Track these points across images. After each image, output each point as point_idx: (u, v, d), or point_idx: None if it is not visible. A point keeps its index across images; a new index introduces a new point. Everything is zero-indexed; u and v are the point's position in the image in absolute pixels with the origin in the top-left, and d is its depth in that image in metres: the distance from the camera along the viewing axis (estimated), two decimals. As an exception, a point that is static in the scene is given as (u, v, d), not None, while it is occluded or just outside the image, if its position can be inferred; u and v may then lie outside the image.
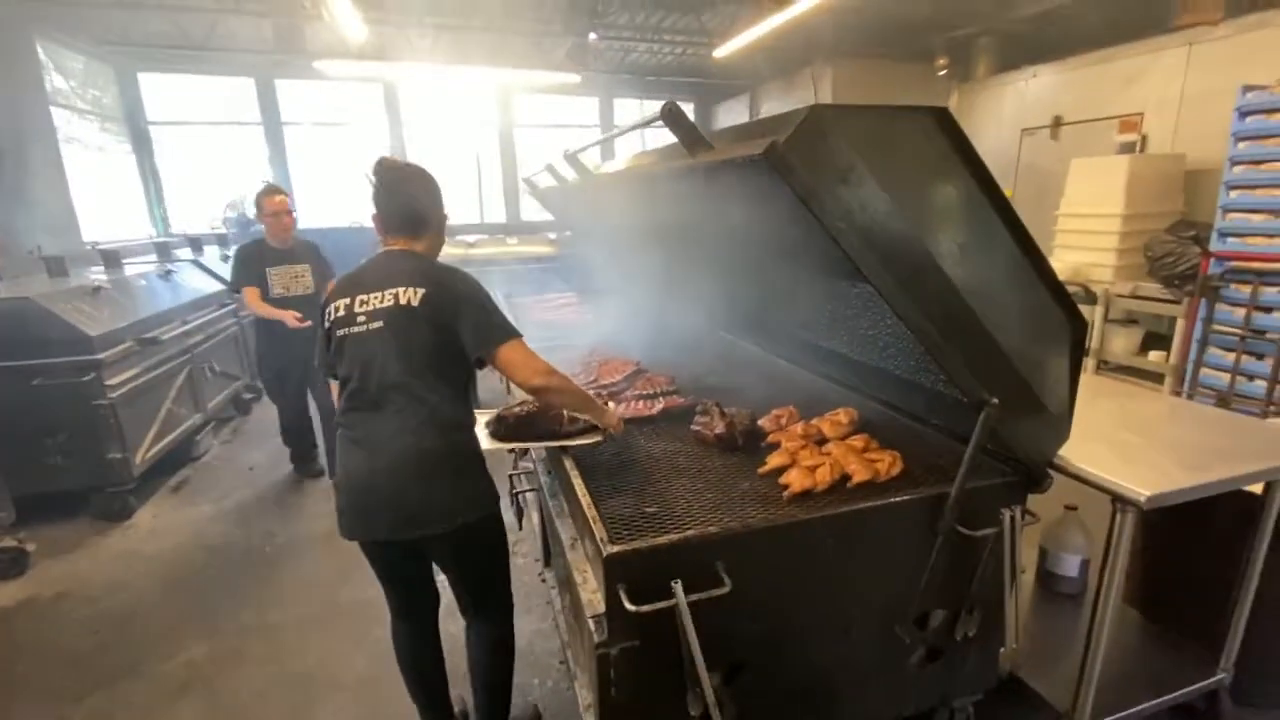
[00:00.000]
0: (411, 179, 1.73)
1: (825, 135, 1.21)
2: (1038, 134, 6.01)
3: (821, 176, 1.22)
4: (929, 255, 1.36)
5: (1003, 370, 1.49)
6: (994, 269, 1.46)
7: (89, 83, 6.77)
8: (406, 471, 1.58)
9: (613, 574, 1.33)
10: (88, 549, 3.24)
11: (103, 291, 3.62)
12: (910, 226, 1.33)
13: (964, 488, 1.49)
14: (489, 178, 9.16)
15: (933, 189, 1.39)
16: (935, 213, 1.39)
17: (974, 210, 1.42)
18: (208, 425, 4.47)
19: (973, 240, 1.42)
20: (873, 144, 1.27)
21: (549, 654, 2.41)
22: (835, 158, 1.23)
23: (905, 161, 1.34)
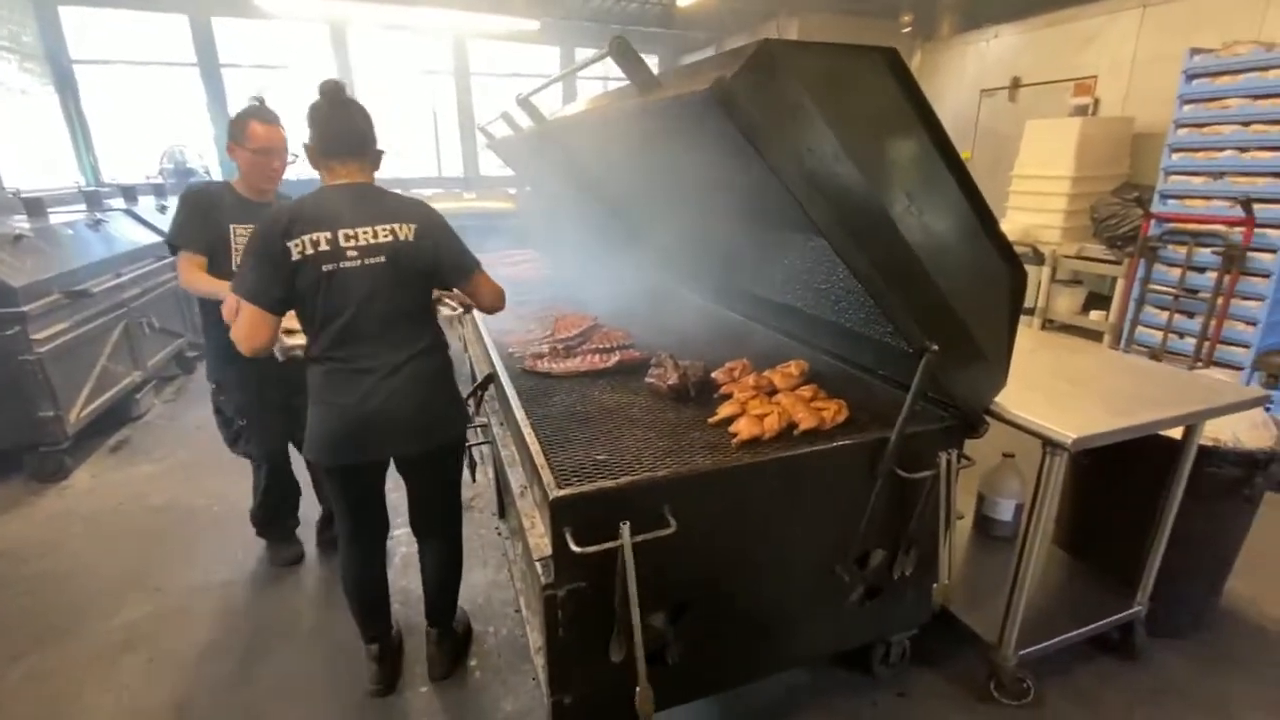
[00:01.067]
0: (354, 101, 1.75)
1: (774, 71, 1.18)
2: (997, 95, 6.06)
3: (769, 114, 1.19)
4: (876, 201, 1.36)
5: (944, 318, 1.52)
6: (939, 218, 1.47)
7: (5, 18, 6.21)
8: (422, 390, 1.76)
9: (559, 517, 1.33)
10: (21, 510, 3.11)
11: (25, 240, 3.39)
12: (858, 171, 1.32)
13: (904, 433, 1.54)
14: (446, 129, 8.83)
15: (881, 134, 1.38)
16: (883, 158, 1.39)
17: (921, 157, 1.42)
18: (149, 384, 4.29)
19: (919, 188, 1.42)
20: (822, 83, 1.24)
21: (504, 604, 2.43)
22: (784, 95, 1.20)
23: (855, 103, 1.32)
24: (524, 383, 2.05)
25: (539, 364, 2.19)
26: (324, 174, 1.71)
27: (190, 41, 7.30)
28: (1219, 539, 2.12)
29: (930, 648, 2.11)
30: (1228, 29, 4.05)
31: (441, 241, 1.72)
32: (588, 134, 2.23)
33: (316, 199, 1.67)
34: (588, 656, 1.46)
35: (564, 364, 2.18)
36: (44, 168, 6.50)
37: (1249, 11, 4.20)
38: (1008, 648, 1.89)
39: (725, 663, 1.70)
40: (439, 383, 1.82)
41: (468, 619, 2.32)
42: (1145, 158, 4.65)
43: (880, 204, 1.37)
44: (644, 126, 1.67)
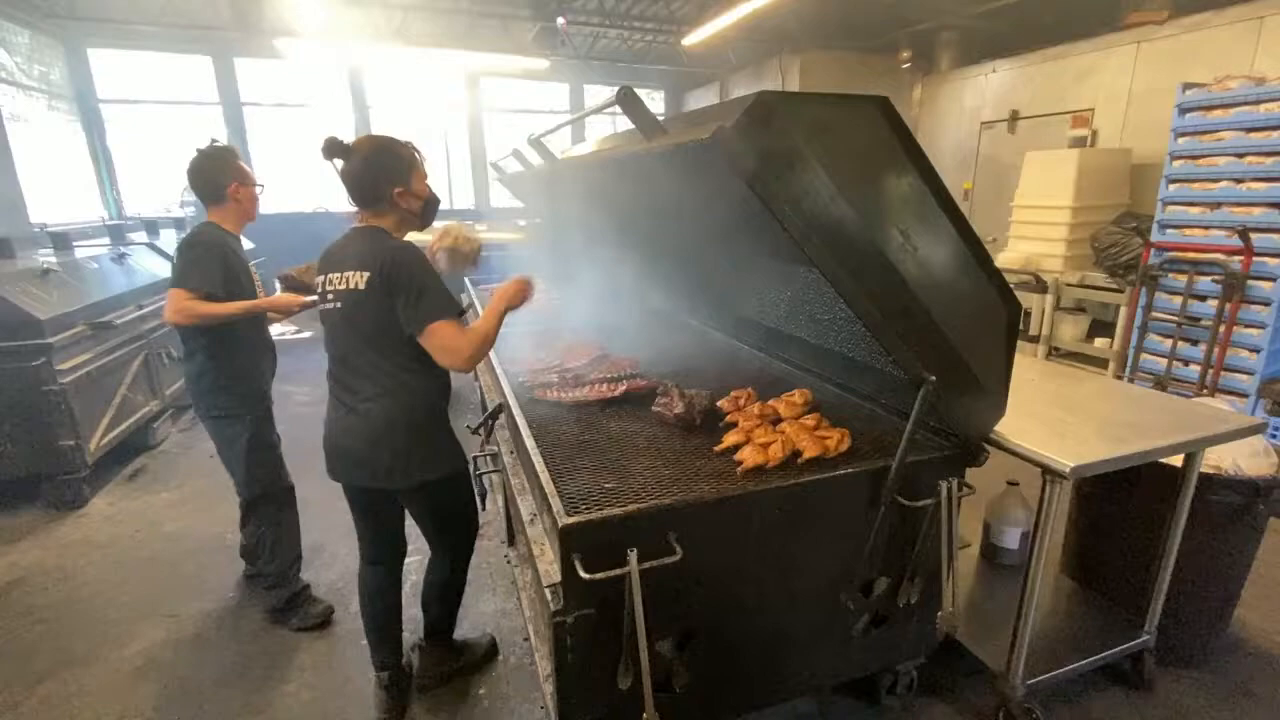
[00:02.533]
0: (368, 150, 1.76)
1: (771, 121, 1.25)
2: (996, 127, 6.18)
3: (767, 162, 1.26)
4: (872, 240, 1.42)
5: (942, 350, 1.56)
6: (934, 254, 1.52)
7: (35, 58, 6.49)
8: (372, 434, 1.78)
9: (568, 544, 1.37)
10: (39, 537, 3.17)
11: (52, 274, 3.52)
12: (854, 212, 1.39)
13: (904, 461, 1.57)
14: (458, 163, 9.05)
15: (876, 176, 1.44)
16: (878, 199, 1.45)
17: (915, 197, 1.48)
18: (165, 413, 4.37)
19: (914, 226, 1.48)
20: (818, 131, 1.32)
21: (512, 631, 2.45)
22: (781, 143, 1.28)
23: (849, 148, 1.39)
24: (533, 411, 2.11)
25: (548, 393, 2.25)
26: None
27: (213, 81, 7.58)
28: (1224, 567, 2.12)
29: (938, 678, 2.11)
30: (1220, 63, 4.15)
31: (397, 290, 1.66)
32: (596, 173, 2.32)
33: (334, 241, 1.82)
34: (596, 683, 1.48)
35: (572, 393, 2.24)
36: (69, 202, 6.70)
37: (1241, 46, 4.31)
38: (1015, 677, 1.89)
39: (732, 690, 1.72)
40: (388, 430, 1.77)
41: (491, 641, 2.35)
42: (1144, 188, 4.72)
43: (875, 242, 1.43)
44: (649, 168, 1.75)
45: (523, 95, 9.12)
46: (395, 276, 1.66)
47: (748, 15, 5.33)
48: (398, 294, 1.66)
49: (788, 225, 1.32)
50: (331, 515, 2.93)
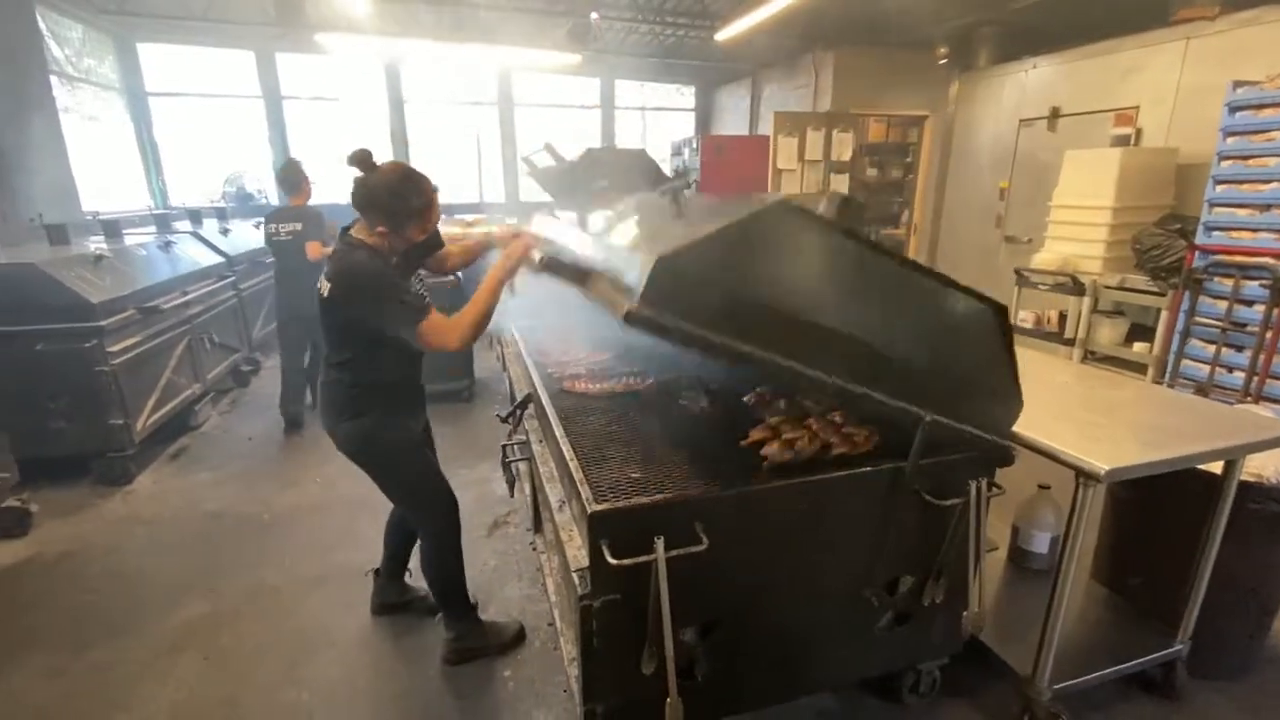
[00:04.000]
0: (385, 181, 1.86)
1: (679, 279, 1.24)
2: (1035, 125, 6.04)
3: (691, 313, 1.27)
4: (826, 325, 1.40)
5: (937, 382, 1.55)
6: (898, 300, 1.49)
7: (87, 52, 6.73)
8: (325, 409, 2.11)
9: (596, 530, 1.40)
10: (89, 512, 3.31)
11: (104, 260, 3.66)
12: (799, 305, 1.37)
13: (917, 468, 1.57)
14: (489, 156, 9.15)
15: (809, 263, 1.39)
16: (822, 284, 1.41)
17: (860, 264, 1.44)
18: (206, 396, 4.53)
19: (867, 288, 1.46)
20: (732, 260, 1.30)
21: (538, 616, 2.50)
22: (698, 294, 1.27)
23: (775, 252, 1.34)
24: (562, 402, 2.14)
25: (576, 385, 2.28)
26: None
27: (255, 75, 7.77)
28: (1264, 578, 2.07)
29: (962, 679, 2.09)
30: (1273, 61, 4.00)
31: (368, 304, 1.87)
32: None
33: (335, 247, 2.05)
34: (620, 668, 1.51)
35: (600, 385, 2.27)
36: (118, 191, 6.95)
37: (1297, 43, 4.15)
38: (1042, 681, 1.87)
39: (753, 682, 1.73)
40: (335, 407, 2.07)
41: (520, 627, 2.42)
42: (1190, 188, 4.57)
43: (831, 326, 1.41)
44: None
45: (554, 89, 9.18)
46: (353, 292, 1.87)
47: (781, 10, 5.29)
48: (368, 307, 1.88)
49: (726, 355, 1.32)
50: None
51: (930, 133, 6.99)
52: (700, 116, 9.75)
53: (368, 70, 8.19)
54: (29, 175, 5.06)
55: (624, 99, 9.43)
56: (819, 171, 6.46)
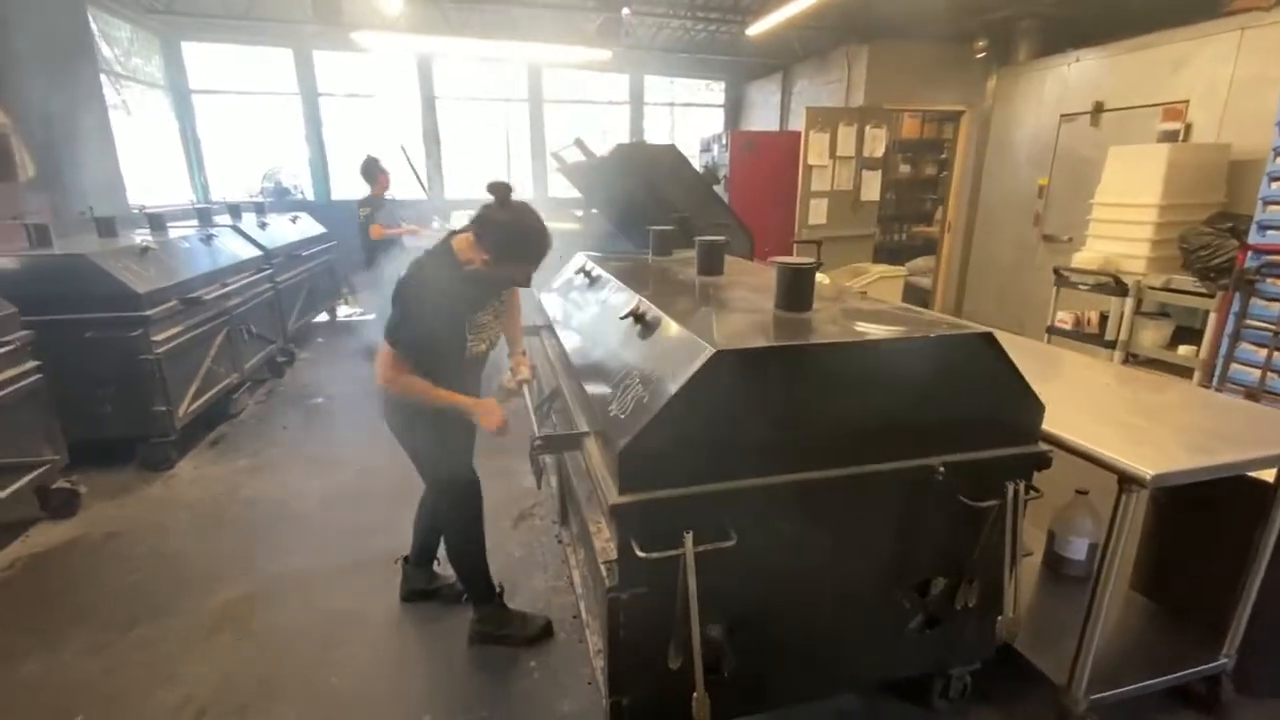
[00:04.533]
0: (514, 218, 1.92)
1: (652, 457, 1.39)
2: (1078, 120, 5.86)
3: (676, 476, 1.42)
4: (817, 428, 1.51)
5: (941, 426, 1.59)
6: (879, 377, 1.52)
7: (134, 51, 6.95)
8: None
9: (624, 523, 1.41)
10: (134, 494, 3.44)
11: (150, 252, 3.78)
12: (782, 425, 1.47)
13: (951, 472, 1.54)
14: (517, 153, 9.21)
15: (773, 393, 1.46)
16: (795, 401, 1.48)
17: (826, 367, 1.50)
18: (244, 385, 4.65)
19: (839, 384, 1.50)
20: (693, 421, 1.40)
21: (563, 609, 2.52)
22: (674, 461, 1.41)
23: (736, 396, 1.42)
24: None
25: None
26: None
27: (293, 72, 7.95)
28: (1318, 592, 1.98)
29: (993, 685, 2.05)
30: (1337, 52, 3.82)
31: (396, 294, 1.95)
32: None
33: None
34: (646, 661, 1.52)
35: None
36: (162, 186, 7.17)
37: (1362, 33, 3.94)
38: (1078, 690, 1.82)
39: (779, 680, 1.72)
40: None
41: (547, 622, 2.41)
42: (1243, 186, 4.39)
43: (817, 430, 1.51)
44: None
45: (582, 86, 9.20)
46: (400, 288, 1.95)
47: (814, 4, 5.22)
48: (393, 299, 1.95)
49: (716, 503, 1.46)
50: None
51: (966, 128, 6.83)
52: (730, 112, 9.68)
53: (401, 67, 8.31)
54: (80, 170, 5.25)
55: (652, 95, 9.41)
56: (850, 168, 6.36)
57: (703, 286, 2.24)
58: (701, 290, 2.17)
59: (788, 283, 1.73)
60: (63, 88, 5.21)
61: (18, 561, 2.87)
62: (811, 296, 1.76)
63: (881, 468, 1.55)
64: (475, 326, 2.07)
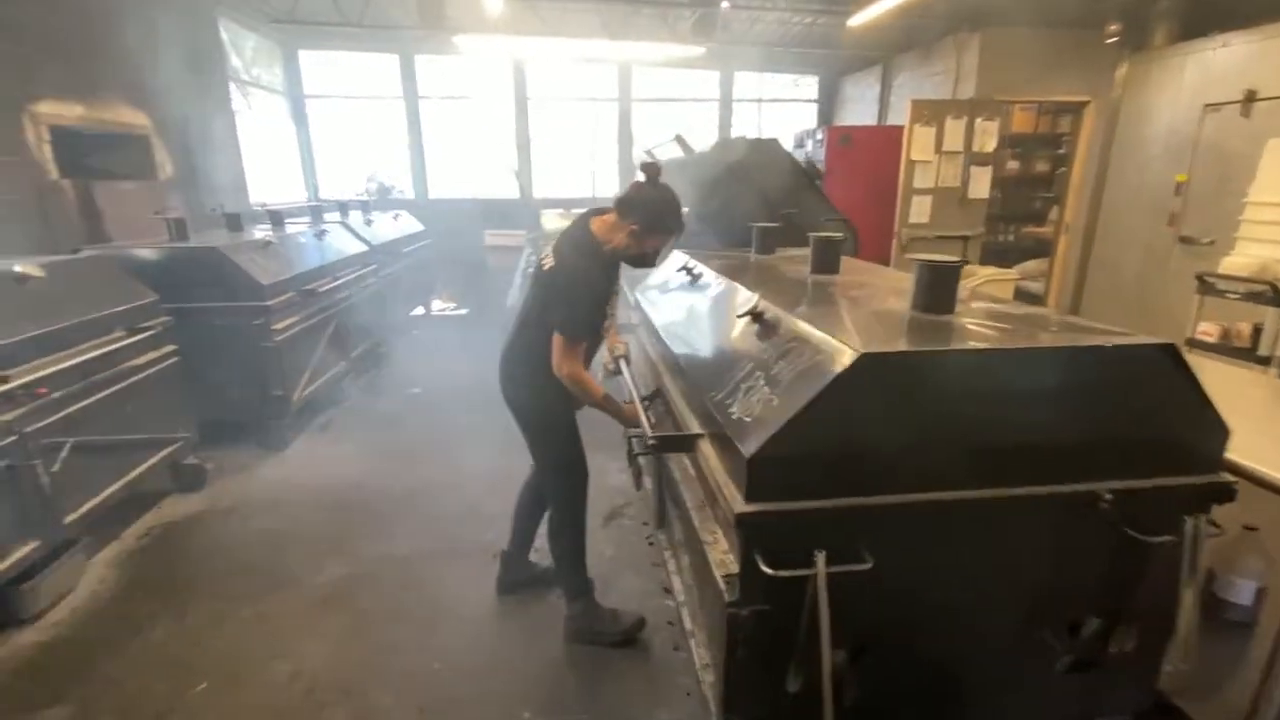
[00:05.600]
0: (655, 191, 2.03)
1: (786, 463, 1.30)
2: (1224, 110, 5.25)
3: (810, 488, 1.32)
4: (969, 442, 1.36)
5: (1105, 446, 1.41)
6: (1042, 384, 1.37)
7: (258, 59, 7.49)
8: (511, 369, 2.22)
9: (750, 535, 1.32)
10: (253, 472, 3.67)
11: (271, 246, 4.03)
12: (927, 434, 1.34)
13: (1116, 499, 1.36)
14: (603, 152, 9.27)
15: (926, 399, 1.33)
16: (946, 409, 1.35)
17: (986, 371, 1.36)
18: (350, 373, 4.89)
19: (998, 390, 1.36)
20: (832, 426, 1.29)
21: (656, 613, 2.46)
22: (811, 467, 1.31)
23: (885, 400, 1.31)
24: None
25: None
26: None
27: (398, 77, 8.33)
28: None
29: (1143, 739, 1.83)
30: None
31: (557, 291, 2.02)
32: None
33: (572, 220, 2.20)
34: (763, 682, 1.43)
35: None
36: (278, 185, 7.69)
37: None
38: (1253, 756, 1.59)
39: (907, 715, 1.59)
40: (513, 358, 2.21)
41: (639, 619, 2.42)
42: None
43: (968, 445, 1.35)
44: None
45: (670, 84, 9.15)
46: (559, 277, 2.02)
47: (925, -9, 4.94)
48: (555, 293, 2.02)
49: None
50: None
51: (1091, 120, 6.28)
52: (822, 107, 9.36)
53: (496, 69, 8.55)
54: (210, 170, 5.70)
55: (739, 92, 9.24)
56: (957, 163, 5.98)
57: (822, 285, 2.12)
58: (822, 289, 2.05)
59: (929, 282, 1.59)
60: (197, 94, 5.66)
61: (153, 530, 3.12)
62: (955, 298, 1.61)
63: (1037, 491, 1.39)
64: (611, 308, 2.14)
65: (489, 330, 6.08)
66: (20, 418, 2.35)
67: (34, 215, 3.95)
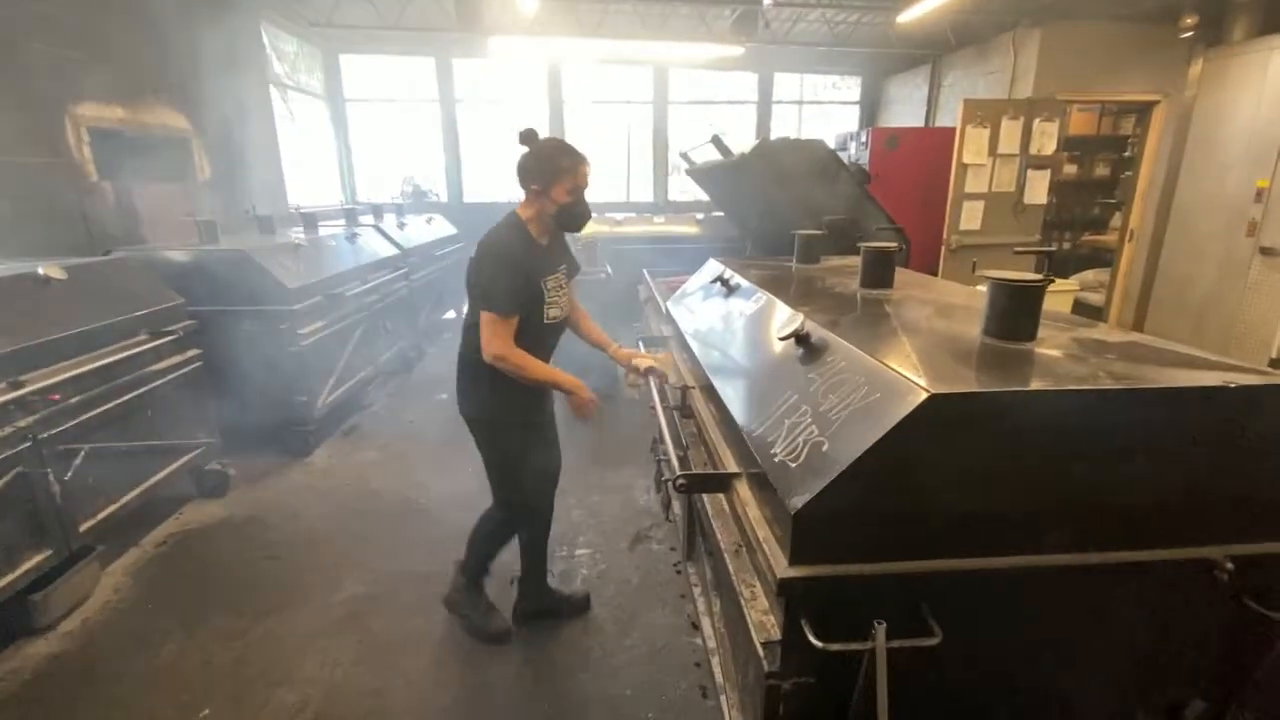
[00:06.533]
0: (538, 147, 2.02)
1: (835, 520, 1.12)
2: (1315, 110, 4.82)
3: (864, 548, 1.13)
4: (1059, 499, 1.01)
5: (1225, 511, 1.16)
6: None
7: (299, 65, 7.56)
8: (458, 374, 2.18)
9: (795, 600, 1.14)
10: (274, 479, 3.61)
11: (301, 249, 3.99)
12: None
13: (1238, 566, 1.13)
14: (638, 156, 9.13)
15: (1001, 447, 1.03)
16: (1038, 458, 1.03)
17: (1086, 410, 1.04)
18: (377, 378, 4.83)
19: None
20: (888, 483, 0.95)
21: (681, 650, 2.28)
22: (864, 526, 0.93)
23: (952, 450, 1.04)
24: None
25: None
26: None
27: (434, 80, 8.33)
28: None
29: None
30: None
31: (476, 270, 2.00)
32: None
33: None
34: (805, 761, 1.24)
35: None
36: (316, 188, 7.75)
37: None
38: None
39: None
40: (460, 367, 2.16)
41: (585, 595, 2.54)
42: None
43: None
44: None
45: (707, 86, 8.95)
46: (479, 259, 2.00)
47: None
48: (474, 273, 2.00)
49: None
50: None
51: (1160, 121, 5.86)
52: (865, 109, 9.05)
53: (531, 71, 8.48)
54: (248, 172, 5.74)
55: (778, 93, 8.99)
56: (1013, 167, 5.64)
57: (875, 303, 1.92)
58: (875, 308, 1.85)
59: (1005, 304, 1.38)
60: (237, 98, 5.71)
61: (172, 537, 3.07)
62: (1038, 323, 1.40)
63: (1140, 556, 1.17)
64: (551, 289, 2.07)
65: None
66: (34, 424, 2.31)
67: (75, 216, 3.99)
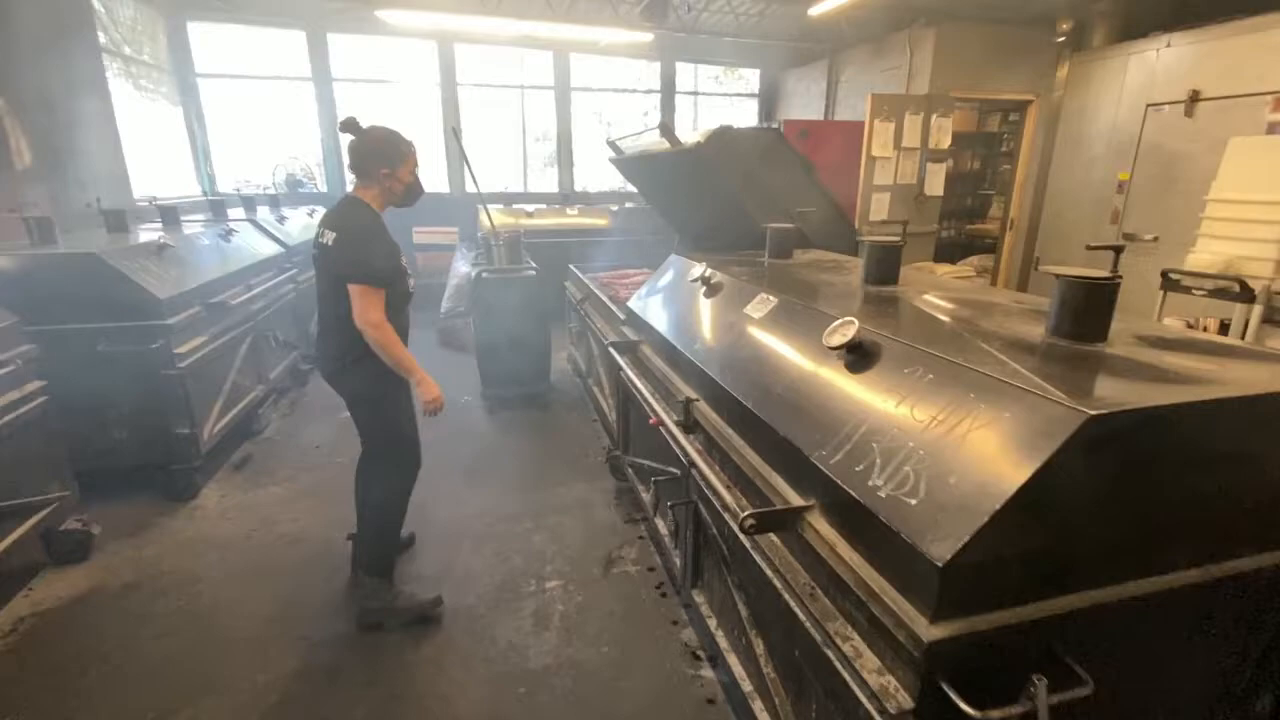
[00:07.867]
0: (365, 136, 2.17)
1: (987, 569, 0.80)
2: (1167, 110, 5.43)
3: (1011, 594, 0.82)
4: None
5: None
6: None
7: (139, 31, 6.42)
8: (327, 356, 2.29)
9: (938, 663, 0.96)
10: (154, 532, 2.96)
11: (168, 250, 3.30)
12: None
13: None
14: (537, 144, 8.71)
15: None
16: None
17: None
18: (269, 398, 4.18)
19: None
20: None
21: (690, 686, 2.07)
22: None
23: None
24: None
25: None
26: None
27: (305, 56, 7.42)
28: None
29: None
30: None
31: (344, 245, 2.08)
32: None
33: (331, 206, 2.22)
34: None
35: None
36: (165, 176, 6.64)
37: None
38: None
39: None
40: (324, 337, 2.29)
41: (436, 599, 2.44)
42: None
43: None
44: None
45: (607, 73, 8.70)
46: (346, 236, 2.09)
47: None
48: (343, 247, 2.08)
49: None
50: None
51: (1034, 119, 6.39)
52: (763, 102, 9.20)
53: (420, 53, 7.80)
54: (81, 158, 4.73)
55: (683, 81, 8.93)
56: (915, 160, 5.92)
57: (898, 300, 1.79)
58: (913, 309, 1.71)
59: (1082, 302, 1.28)
60: (62, 70, 4.69)
61: (20, 624, 2.39)
62: (1109, 323, 1.31)
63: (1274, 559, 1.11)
64: (404, 262, 2.26)
65: (424, 331, 5.46)
66: None
67: None
